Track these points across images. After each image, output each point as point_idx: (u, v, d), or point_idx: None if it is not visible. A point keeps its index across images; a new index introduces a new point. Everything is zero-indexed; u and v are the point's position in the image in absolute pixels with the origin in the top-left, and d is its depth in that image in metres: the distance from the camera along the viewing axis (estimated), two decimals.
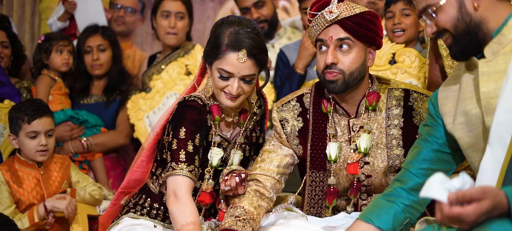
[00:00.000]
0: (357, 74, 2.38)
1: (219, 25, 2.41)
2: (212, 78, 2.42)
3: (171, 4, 3.91)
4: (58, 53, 3.79)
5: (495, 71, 1.88)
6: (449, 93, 2.05)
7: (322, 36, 2.39)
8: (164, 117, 2.54)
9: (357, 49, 2.37)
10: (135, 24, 4.65)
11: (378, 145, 2.45)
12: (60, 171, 3.07)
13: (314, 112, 2.51)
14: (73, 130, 3.71)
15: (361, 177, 2.47)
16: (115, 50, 3.92)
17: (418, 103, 2.46)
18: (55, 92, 3.77)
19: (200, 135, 2.39)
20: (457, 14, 1.92)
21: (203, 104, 2.44)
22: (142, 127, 3.77)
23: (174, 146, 2.36)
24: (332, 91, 2.40)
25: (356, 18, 2.35)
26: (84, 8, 4.21)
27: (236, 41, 2.34)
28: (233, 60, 2.34)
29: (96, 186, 3.14)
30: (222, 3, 6.58)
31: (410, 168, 2.13)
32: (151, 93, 3.80)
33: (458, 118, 2.00)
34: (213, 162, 2.45)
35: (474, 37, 1.92)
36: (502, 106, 1.81)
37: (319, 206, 2.51)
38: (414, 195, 2.11)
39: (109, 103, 3.87)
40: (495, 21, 1.91)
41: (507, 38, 1.89)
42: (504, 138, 1.79)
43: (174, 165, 2.33)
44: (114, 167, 3.86)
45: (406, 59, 3.32)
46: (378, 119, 2.47)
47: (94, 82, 3.93)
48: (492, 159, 1.82)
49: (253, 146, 2.63)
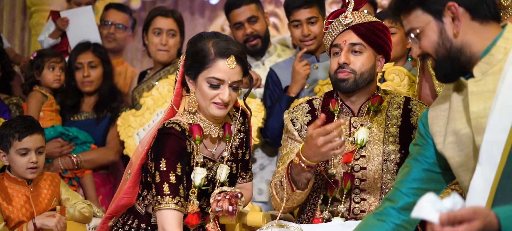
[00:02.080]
0: (367, 75, 2.59)
1: (198, 39, 2.46)
2: (200, 90, 2.43)
3: (163, 21, 3.91)
4: (50, 70, 3.80)
5: (485, 91, 1.90)
6: (439, 113, 2.07)
7: (337, 41, 2.61)
8: (146, 140, 2.53)
9: (368, 54, 2.59)
10: (126, 41, 4.64)
11: (375, 140, 2.60)
12: (50, 188, 3.05)
13: (322, 111, 2.69)
14: (63, 146, 3.70)
15: (356, 167, 2.58)
16: (106, 67, 3.92)
17: (417, 107, 2.66)
18: (46, 109, 3.76)
19: (181, 163, 2.40)
20: (437, 39, 1.94)
21: (182, 130, 2.44)
22: (132, 144, 3.76)
23: (157, 178, 2.37)
24: (343, 89, 2.60)
25: (368, 26, 2.58)
26: (76, 25, 4.20)
27: (224, 48, 2.40)
28: (224, 67, 2.39)
29: (85, 203, 3.12)
30: (212, 19, 6.61)
31: (401, 187, 2.14)
32: (141, 110, 3.79)
33: (449, 138, 2.01)
34: (196, 182, 2.45)
35: (456, 61, 1.94)
36: (491, 126, 1.83)
37: (317, 194, 2.63)
38: (404, 215, 2.11)
39: (99, 120, 3.86)
40: (480, 43, 1.92)
41: (496, 58, 1.90)
42: (494, 157, 1.81)
43: (159, 199, 2.34)
44: (104, 184, 3.85)
45: (396, 77, 3.34)
46: (378, 119, 2.64)
47: (85, 99, 3.93)
48: (482, 178, 1.83)
49: (239, 163, 2.64)
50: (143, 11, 6.18)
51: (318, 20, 3.57)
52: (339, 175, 2.60)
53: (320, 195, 2.63)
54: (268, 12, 6.03)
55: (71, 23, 4.23)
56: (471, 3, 1.91)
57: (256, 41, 3.88)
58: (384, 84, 3.34)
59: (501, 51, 1.89)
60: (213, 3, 6.50)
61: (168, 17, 3.93)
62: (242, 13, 3.88)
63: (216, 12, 6.54)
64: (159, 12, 3.99)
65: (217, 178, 2.52)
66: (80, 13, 4.26)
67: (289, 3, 3.62)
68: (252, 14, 3.88)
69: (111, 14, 4.48)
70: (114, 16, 4.46)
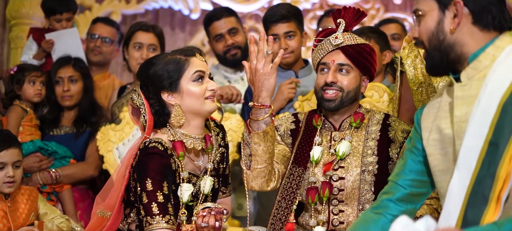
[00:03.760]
0: (353, 94, 2.69)
1: (160, 58, 2.54)
2: (189, 94, 2.48)
3: (143, 36, 3.93)
4: (31, 84, 3.78)
5: (468, 96, 1.93)
6: (431, 109, 2.10)
7: (325, 60, 2.69)
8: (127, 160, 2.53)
9: (354, 74, 2.68)
10: (112, 55, 4.66)
11: (354, 153, 2.68)
12: (28, 203, 3.03)
13: (305, 124, 2.80)
14: (42, 161, 3.67)
15: (334, 177, 2.65)
16: (86, 81, 3.91)
17: (395, 123, 2.74)
18: (25, 124, 3.74)
19: (166, 181, 2.41)
20: (433, 29, 1.97)
21: (164, 149, 2.45)
22: (111, 159, 3.74)
23: (144, 199, 2.37)
24: (328, 108, 2.70)
25: (357, 48, 2.66)
26: (61, 46, 4.18)
27: (188, 50, 2.54)
28: (198, 61, 2.51)
29: (63, 218, 3.10)
30: (193, 34, 6.62)
31: (397, 179, 2.17)
32: (121, 124, 3.78)
33: (433, 134, 2.04)
34: (183, 199, 2.46)
35: (446, 56, 1.97)
36: (470, 131, 1.86)
37: (290, 199, 2.69)
38: (401, 205, 2.14)
39: (79, 134, 3.85)
40: (472, 46, 1.95)
41: (483, 64, 1.93)
42: (470, 162, 1.84)
43: (149, 219, 2.34)
44: (83, 199, 3.82)
45: (375, 93, 3.37)
46: (358, 134, 2.72)
47: (64, 113, 3.90)
48: (458, 183, 1.86)
49: (221, 178, 2.66)
50: (124, 26, 6.18)
51: (296, 35, 3.63)
52: (319, 183, 2.66)
53: (295, 201, 2.68)
54: (248, 28, 6.08)
55: (56, 44, 4.21)
56: (477, 8, 1.94)
57: (236, 51, 3.96)
58: (363, 100, 3.37)
59: (489, 58, 1.92)
60: (194, 18, 6.52)
61: (149, 32, 3.95)
62: (223, 25, 3.97)
63: (196, 27, 6.56)
64: (140, 26, 4.01)
65: (201, 190, 2.53)
66: (66, 35, 4.24)
67: (267, 18, 3.68)
68: (232, 26, 3.98)
69: (98, 27, 4.50)
70: (101, 30, 4.48)
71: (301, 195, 2.69)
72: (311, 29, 6.15)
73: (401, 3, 6.43)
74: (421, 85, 2.89)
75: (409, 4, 6.44)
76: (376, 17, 6.36)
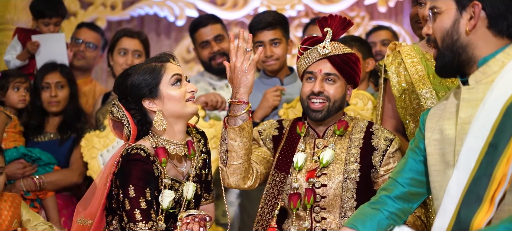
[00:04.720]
0: (339, 104, 2.71)
1: (135, 69, 2.53)
2: (169, 98, 2.49)
3: (128, 42, 3.94)
4: (15, 90, 3.77)
5: (474, 99, 1.96)
6: (436, 111, 2.14)
7: (311, 69, 2.69)
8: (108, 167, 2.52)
9: (340, 83, 2.69)
10: (96, 60, 4.65)
11: (338, 161, 2.69)
12: (10, 209, 3.01)
13: (289, 131, 2.81)
14: (26, 167, 3.65)
15: (317, 184, 2.65)
16: (72, 88, 3.91)
17: (378, 131, 2.74)
18: (9, 130, 3.72)
19: (149, 188, 2.41)
20: (449, 28, 2.00)
21: (147, 155, 2.45)
22: (95, 165, 3.73)
23: (127, 205, 2.37)
24: (314, 118, 2.71)
25: (344, 57, 2.67)
26: (47, 50, 4.16)
27: (161, 56, 2.55)
28: (174, 66, 2.53)
29: (47, 224, 3.09)
30: (178, 40, 6.62)
31: (397, 177, 2.21)
32: (105, 131, 3.78)
33: (435, 135, 2.08)
34: (163, 205, 2.46)
35: (457, 56, 1.99)
36: (472, 132, 1.89)
37: (272, 204, 2.70)
38: (398, 203, 2.18)
39: (63, 141, 3.83)
40: (484, 50, 1.97)
41: (492, 69, 1.95)
42: (469, 163, 1.87)
43: (132, 226, 2.34)
44: (67, 206, 3.81)
45: (359, 101, 3.40)
46: (342, 142, 2.73)
47: (49, 119, 3.89)
48: (457, 182, 1.90)
49: (203, 184, 2.67)
50: (109, 32, 6.17)
51: (281, 42, 3.65)
52: (301, 189, 2.67)
53: (277, 206, 2.69)
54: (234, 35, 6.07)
55: (41, 47, 4.19)
56: (494, 13, 1.95)
57: (222, 59, 3.95)
58: (348, 108, 3.38)
59: (498, 64, 1.95)
60: (179, 25, 6.53)
61: (134, 38, 3.97)
62: (209, 32, 4.00)
63: (182, 34, 6.56)
64: (125, 33, 4.02)
65: (184, 196, 2.53)
66: (52, 39, 4.22)
67: (253, 25, 3.69)
68: (218, 33, 4.01)
69: (83, 32, 4.51)
70: (85, 35, 4.49)
71: (284, 200, 2.70)
72: (296, 37, 6.18)
73: (386, 11, 6.47)
74: (404, 92, 2.91)
75: (394, 13, 6.48)
76: (361, 25, 6.40)
